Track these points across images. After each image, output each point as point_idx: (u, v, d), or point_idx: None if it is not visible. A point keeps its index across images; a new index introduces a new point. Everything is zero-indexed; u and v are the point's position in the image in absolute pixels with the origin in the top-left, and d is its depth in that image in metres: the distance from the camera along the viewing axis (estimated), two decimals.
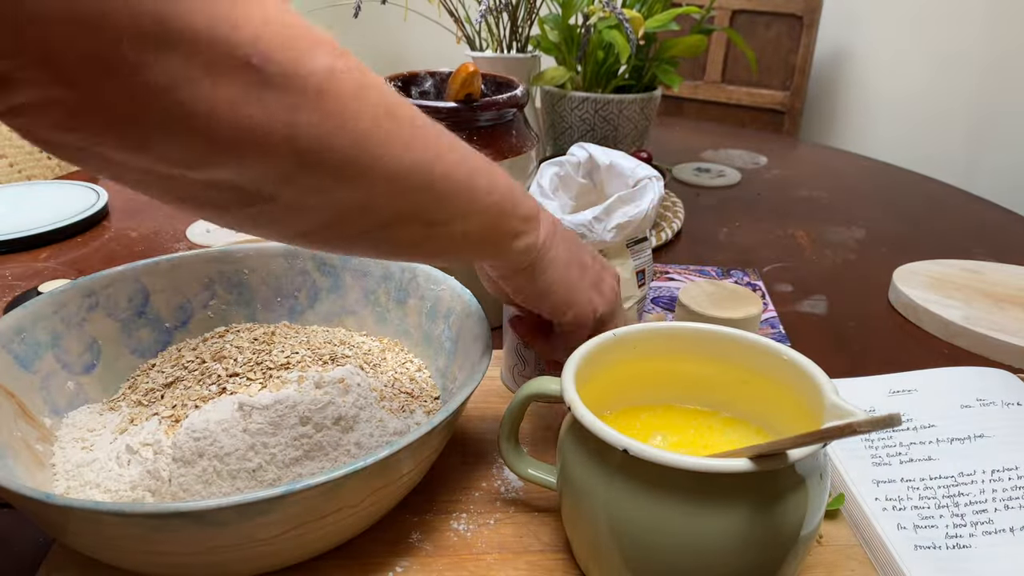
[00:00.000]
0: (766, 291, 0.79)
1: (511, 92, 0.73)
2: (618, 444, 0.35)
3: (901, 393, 0.56)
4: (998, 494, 0.46)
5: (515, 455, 0.46)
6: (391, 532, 0.46)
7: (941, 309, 0.71)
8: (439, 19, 1.12)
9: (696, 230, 0.95)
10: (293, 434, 0.43)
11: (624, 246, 0.67)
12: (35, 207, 0.91)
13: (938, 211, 1.06)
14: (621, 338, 0.45)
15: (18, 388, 0.46)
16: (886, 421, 0.29)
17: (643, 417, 0.46)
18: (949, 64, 1.90)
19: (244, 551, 0.37)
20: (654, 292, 0.77)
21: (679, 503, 0.35)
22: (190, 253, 0.58)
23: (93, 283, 0.53)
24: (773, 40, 1.87)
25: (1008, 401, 0.53)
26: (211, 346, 0.53)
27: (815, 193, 1.11)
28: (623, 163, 0.70)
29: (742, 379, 0.45)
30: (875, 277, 0.82)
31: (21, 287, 0.73)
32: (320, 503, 0.37)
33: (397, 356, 0.56)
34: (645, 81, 1.02)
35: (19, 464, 0.42)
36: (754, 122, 1.91)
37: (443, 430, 0.42)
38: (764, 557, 0.36)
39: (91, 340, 0.52)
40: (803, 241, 0.93)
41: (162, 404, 0.47)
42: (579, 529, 0.41)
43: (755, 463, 0.34)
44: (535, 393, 0.42)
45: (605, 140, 0.99)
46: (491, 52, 1.06)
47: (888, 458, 0.50)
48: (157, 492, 0.42)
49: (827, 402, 0.37)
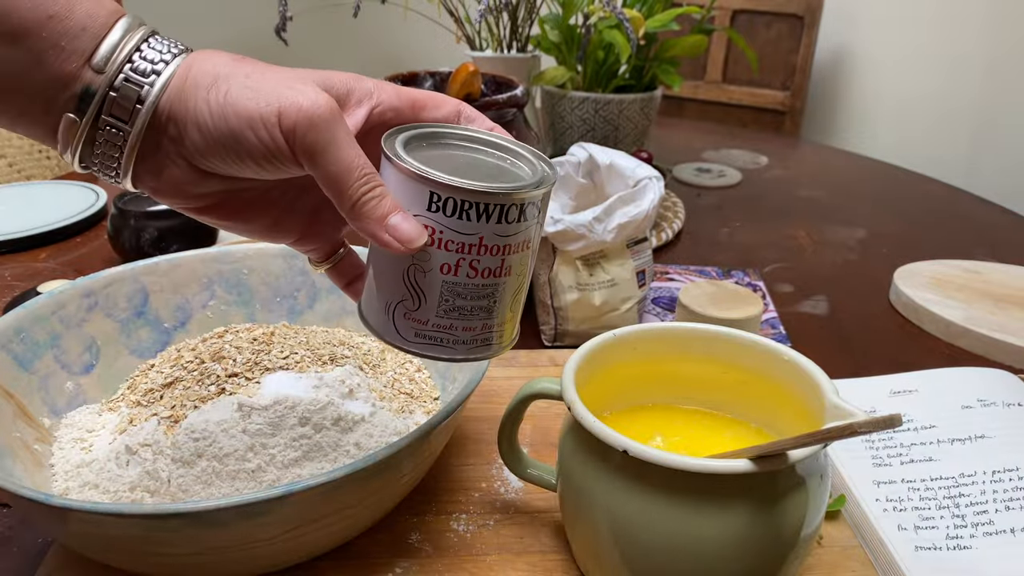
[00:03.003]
0: (767, 291, 0.79)
1: (511, 92, 0.73)
2: (618, 444, 0.35)
3: (902, 394, 0.56)
4: (999, 495, 0.46)
5: (515, 455, 0.46)
6: (391, 532, 0.45)
7: (942, 309, 0.71)
8: (439, 19, 1.12)
9: (697, 230, 0.95)
10: (292, 435, 0.43)
11: (624, 246, 0.67)
12: (34, 207, 0.91)
13: (939, 211, 1.06)
14: (621, 338, 0.45)
15: (17, 388, 0.46)
16: (887, 422, 0.29)
17: (643, 417, 0.46)
18: (950, 64, 1.90)
19: (243, 552, 0.37)
20: (654, 292, 0.77)
21: (679, 504, 0.35)
22: (189, 253, 0.58)
23: (92, 283, 0.53)
24: (774, 40, 1.87)
25: (1009, 402, 0.53)
26: (210, 346, 0.53)
27: (816, 193, 1.11)
28: (623, 163, 0.70)
29: (742, 379, 0.45)
30: (876, 277, 0.82)
31: (20, 287, 0.73)
32: (319, 504, 0.37)
33: (396, 356, 0.56)
34: (645, 81, 1.02)
35: (18, 465, 0.42)
36: (755, 122, 1.91)
37: (443, 430, 0.42)
38: (764, 558, 0.36)
39: (90, 340, 0.52)
40: (804, 241, 0.93)
41: (161, 404, 0.47)
42: (579, 530, 0.41)
43: (755, 464, 0.33)
44: (535, 393, 0.42)
45: (605, 140, 0.99)
46: (491, 52, 1.06)
47: (889, 459, 0.50)
48: (156, 493, 0.42)
49: (828, 403, 0.37)
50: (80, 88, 0.31)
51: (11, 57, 0.30)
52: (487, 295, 0.35)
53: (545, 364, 0.63)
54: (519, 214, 0.34)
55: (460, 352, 0.36)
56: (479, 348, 0.37)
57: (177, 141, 0.32)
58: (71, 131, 0.32)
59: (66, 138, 0.32)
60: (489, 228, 0.33)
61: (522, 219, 0.34)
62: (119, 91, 0.31)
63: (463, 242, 0.33)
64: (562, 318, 0.66)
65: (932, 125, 1.96)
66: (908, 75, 1.97)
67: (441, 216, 0.33)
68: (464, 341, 0.36)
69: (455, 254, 0.33)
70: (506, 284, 0.35)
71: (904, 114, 2.00)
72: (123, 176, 0.33)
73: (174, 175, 0.33)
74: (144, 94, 0.31)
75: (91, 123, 0.31)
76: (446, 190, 0.32)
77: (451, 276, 0.34)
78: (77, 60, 0.31)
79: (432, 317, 0.35)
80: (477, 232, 0.33)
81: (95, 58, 0.31)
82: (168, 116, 0.32)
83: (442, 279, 0.34)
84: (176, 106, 0.32)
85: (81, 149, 0.32)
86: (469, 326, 0.36)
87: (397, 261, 0.34)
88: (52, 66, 0.30)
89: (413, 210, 0.33)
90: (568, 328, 0.67)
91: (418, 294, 0.34)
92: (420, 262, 0.34)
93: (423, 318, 0.35)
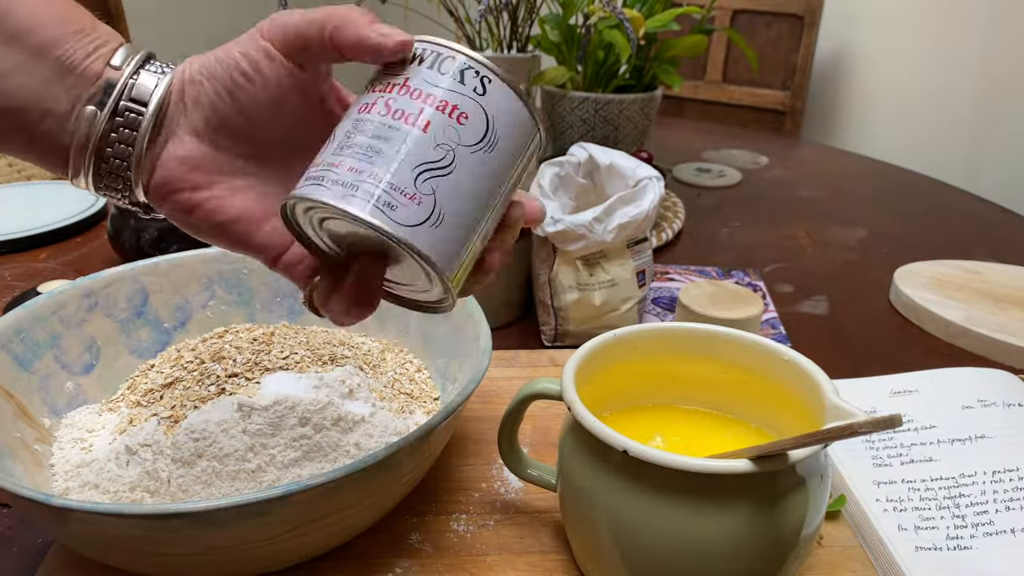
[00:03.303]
0: (767, 291, 0.79)
1: None
2: (618, 445, 0.35)
3: (902, 394, 0.56)
4: (999, 495, 0.46)
5: (515, 455, 0.46)
6: (391, 533, 0.45)
7: (942, 310, 0.71)
8: (439, 19, 1.12)
9: (697, 230, 0.95)
10: (292, 435, 0.43)
11: (624, 246, 0.67)
12: (34, 207, 0.91)
13: (939, 211, 1.06)
14: (621, 338, 0.45)
15: (17, 389, 0.46)
16: (887, 422, 0.29)
17: (643, 417, 0.46)
18: (950, 64, 1.90)
19: (243, 552, 0.37)
20: (654, 292, 0.77)
21: (679, 504, 0.35)
22: (189, 253, 0.58)
23: (92, 283, 0.53)
24: (774, 40, 1.87)
25: (1009, 402, 0.53)
26: (210, 346, 0.53)
27: (816, 193, 1.10)
28: (623, 163, 0.70)
29: (742, 380, 0.45)
30: (876, 277, 0.82)
31: (20, 287, 0.73)
32: (319, 504, 0.37)
33: (397, 356, 0.56)
34: (645, 81, 1.02)
35: (18, 465, 0.42)
36: (755, 122, 1.91)
37: (443, 430, 0.42)
38: (765, 558, 0.36)
39: (90, 340, 0.52)
40: (804, 241, 0.93)
41: (161, 405, 0.47)
42: (579, 530, 0.41)
43: (755, 464, 0.33)
44: (535, 393, 0.42)
45: (605, 140, 0.99)
46: (491, 52, 1.06)
47: (889, 459, 0.50)
48: (156, 493, 0.42)
49: (828, 403, 0.37)
50: (102, 84, 0.33)
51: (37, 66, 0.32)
52: (387, 137, 0.31)
53: (545, 364, 0.63)
54: (459, 73, 0.32)
55: (329, 194, 0.30)
56: (353, 197, 0.30)
57: (180, 110, 0.34)
58: (89, 125, 0.33)
59: (82, 141, 0.33)
60: (419, 73, 0.32)
61: (460, 80, 0.32)
62: (138, 77, 0.34)
63: (390, 82, 0.32)
64: (562, 318, 0.66)
65: (932, 125, 1.96)
66: (908, 75, 1.97)
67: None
68: (342, 182, 0.31)
69: (378, 94, 0.32)
70: (415, 138, 0.31)
71: (904, 114, 2.00)
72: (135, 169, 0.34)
73: (174, 152, 0.34)
74: (159, 80, 0.34)
75: (112, 110, 0.33)
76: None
77: (364, 113, 0.32)
78: (103, 63, 0.34)
79: (327, 156, 0.32)
80: (405, 75, 0.32)
81: (113, 59, 0.34)
82: (182, 92, 0.34)
83: (355, 116, 0.32)
84: (177, 80, 0.34)
85: (97, 143, 0.33)
86: (355, 167, 0.31)
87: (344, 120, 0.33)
88: (79, 74, 0.33)
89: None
90: (568, 328, 0.67)
91: (330, 137, 0.33)
92: (353, 113, 0.33)
93: (320, 159, 0.32)
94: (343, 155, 0.31)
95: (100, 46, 0.34)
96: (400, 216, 0.30)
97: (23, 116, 0.32)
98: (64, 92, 0.33)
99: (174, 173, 0.34)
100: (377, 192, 0.30)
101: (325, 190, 0.31)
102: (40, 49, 0.32)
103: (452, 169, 0.32)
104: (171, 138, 0.34)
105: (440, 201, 0.31)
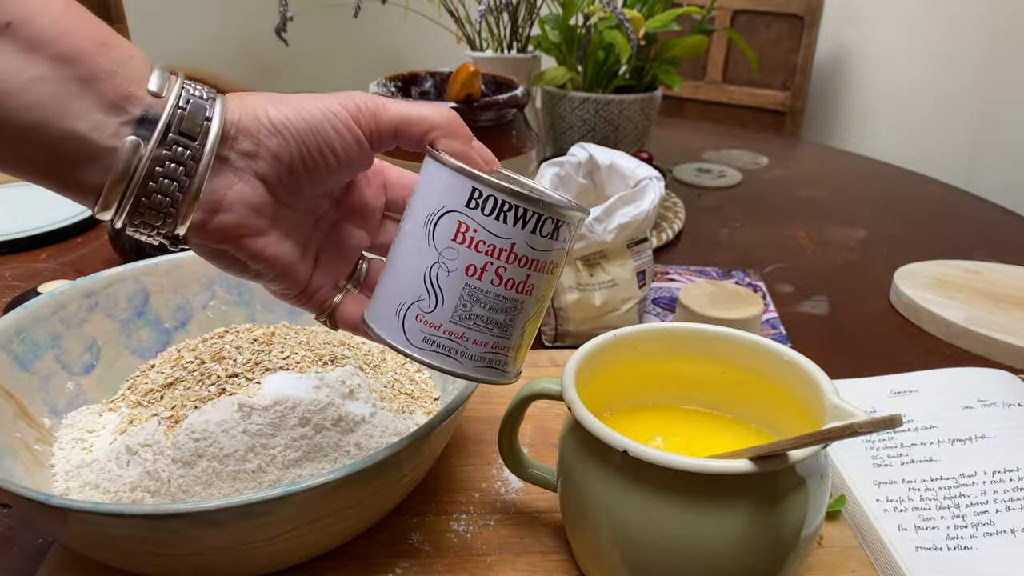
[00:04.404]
0: (767, 292, 0.79)
1: (511, 92, 0.73)
2: (618, 445, 0.35)
3: (902, 394, 0.56)
4: (999, 495, 0.46)
5: (515, 455, 0.46)
6: (391, 532, 0.45)
7: (942, 310, 0.71)
8: (439, 19, 1.12)
9: (697, 230, 0.95)
10: (293, 435, 0.43)
11: (624, 246, 0.67)
12: (35, 207, 0.91)
13: (939, 211, 1.06)
14: (621, 338, 0.45)
15: (18, 389, 0.46)
16: (887, 422, 0.29)
17: (643, 418, 0.46)
18: (950, 64, 1.90)
19: (243, 552, 0.37)
20: (654, 292, 0.77)
21: (679, 504, 0.35)
22: (189, 253, 0.57)
23: (93, 284, 0.53)
24: (774, 40, 1.87)
25: (1009, 402, 0.53)
26: (210, 347, 0.53)
27: (816, 193, 1.11)
28: (623, 163, 0.70)
29: (742, 380, 0.45)
30: (876, 278, 0.82)
31: (20, 287, 0.73)
32: (320, 504, 0.37)
33: (397, 357, 0.56)
34: (646, 81, 1.02)
35: (18, 465, 0.42)
36: (755, 122, 1.91)
37: (443, 431, 0.42)
38: (765, 558, 0.36)
39: (90, 341, 0.52)
40: (804, 241, 0.93)
41: (161, 405, 0.47)
42: (579, 530, 0.41)
43: (756, 464, 0.33)
44: (535, 393, 0.42)
45: (606, 140, 0.99)
46: (491, 52, 1.06)
47: (889, 459, 0.50)
48: (156, 493, 0.42)
49: (828, 403, 0.37)
50: (139, 112, 0.31)
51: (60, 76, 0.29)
52: (505, 309, 0.34)
53: (545, 364, 0.63)
54: (553, 230, 0.34)
55: (466, 367, 0.35)
56: (485, 368, 0.35)
57: (251, 155, 0.33)
58: (131, 157, 0.31)
59: (120, 174, 0.31)
60: (523, 236, 0.33)
61: (555, 237, 0.34)
62: (186, 108, 0.32)
63: (495, 245, 0.33)
64: (562, 318, 0.66)
65: (932, 125, 1.96)
66: (908, 75, 1.97)
67: (479, 214, 0.33)
68: (472, 356, 0.35)
69: (484, 256, 0.33)
70: (525, 304, 0.35)
71: (904, 114, 2.00)
72: (184, 207, 0.32)
73: (243, 196, 0.33)
74: (211, 111, 0.32)
75: (159, 142, 0.31)
76: (489, 187, 0.32)
77: (475, 279, 0.33)
78: (135, 84, 0.31)
79: (446, 322, 0.34)
80: (510, 237, 0.33)
81: (150, 84, 0.31)
82: (239, 129, 0.33)
83: (465, 281, 0.33)
84: (245, 120, 0.33)
85: (142, 179, 0.31)
86: (481, 340, 0.35)
87: (423, 256, 0.34)
88: (106, 90, 0.30)
89: (450, 207, 0.33)
90: (568, 328, 0.67)
91: (437, 294, 0.34)
92: (446, 260, 0.33)
93: (436, 322, 0.34)
94: (465, 326, 0.34)
95: (125, 62, 0.31)
96: (506, 365, 0.37)
97: (45, 133, 0.29)
98: (89, 109, 0.30)
99: (243, 220, 0.34)
100: (501, 356, 0.36)
101: (458, 362, 0.35)
102: (63, 58, 0.29)
103: (540, 310, 0.37)
104: (241, 180, 0.33)
105: (526, 336, 0.37)
